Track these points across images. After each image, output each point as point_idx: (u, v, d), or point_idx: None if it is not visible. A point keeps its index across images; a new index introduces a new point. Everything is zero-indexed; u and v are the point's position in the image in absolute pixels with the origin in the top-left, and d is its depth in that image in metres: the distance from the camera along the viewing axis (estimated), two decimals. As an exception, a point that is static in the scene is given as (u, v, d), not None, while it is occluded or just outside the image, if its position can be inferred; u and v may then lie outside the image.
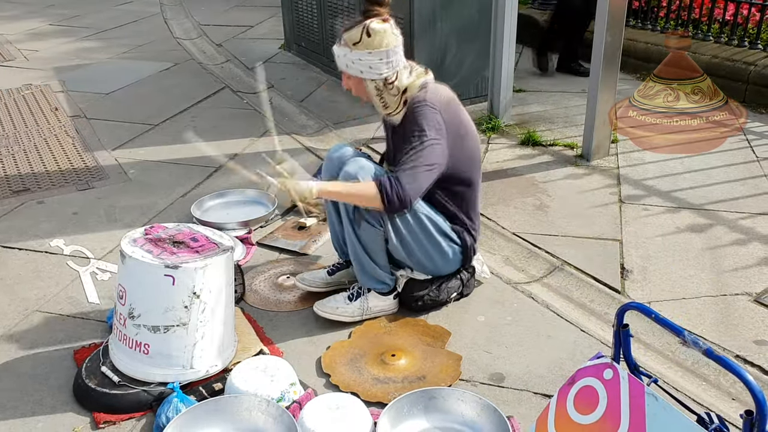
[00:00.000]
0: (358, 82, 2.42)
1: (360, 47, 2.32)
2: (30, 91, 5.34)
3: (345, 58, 2.37)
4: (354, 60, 2.35)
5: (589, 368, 1.65)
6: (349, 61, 2.37)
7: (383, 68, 2.36)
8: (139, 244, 2.19)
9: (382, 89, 2.40)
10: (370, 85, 2.40)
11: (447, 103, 2.44)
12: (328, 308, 2.57)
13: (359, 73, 2.38)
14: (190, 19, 7.75)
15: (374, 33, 2.31)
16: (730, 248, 3.01)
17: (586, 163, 3.87)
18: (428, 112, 2.36)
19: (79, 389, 2.21)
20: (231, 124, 4.62)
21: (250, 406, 2.03)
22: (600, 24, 3.61)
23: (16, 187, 3.73)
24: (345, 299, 2.59)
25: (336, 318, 2.56)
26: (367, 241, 2.48)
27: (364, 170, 2.39)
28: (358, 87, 2.45)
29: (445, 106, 2.41)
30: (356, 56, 2.34)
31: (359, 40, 2.31)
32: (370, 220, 2.43)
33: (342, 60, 2.39)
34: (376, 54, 2.33)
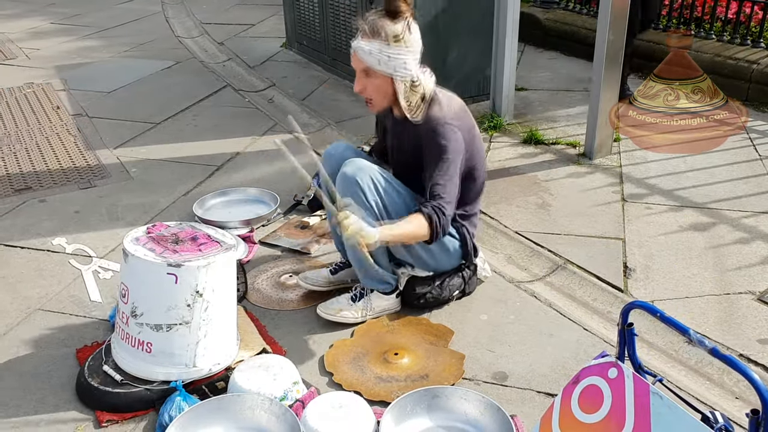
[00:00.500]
0: (383, 82, 2.35)
1: (400, 42, 2.26)
2: (32, 89, 5.33)
3: (380, 54, 2.28)
4: (391, 56, 2.28)
5: (594, 367, 1.64)
6: (384, 57, 2.28)
7: (413, 67, 2.33)
8: (142, 243, 2.18)
9: (408, 90, 2.36)
10: (400, 84, 2.34)
11: (459, 115, 2.43)
12: (331, 310, 2.57)
13: (392, 71, 2.31)
14: (191, 17, 7.74)
15: (414, 31, 2.28)
16: (733, 247, 3.00)
17: (588, 161, 3.87)
18: (450, 132, 2.35)
19: (82, 388, 2.21)
20: (233, 123, 4.62)
21: (253, 405, 2.03)
22: (602, 22, 3.60)
23: (18, 186, 3.73)
24: (348, 301, 2.58)
25: (340, 320, 2.55)
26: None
27: (363, 171, 2.39)
28: (380, 88, 2.37)
29: (459, 120, 2.41)
30: (394, 52, 2.27)
31: (401, 35, 2.25)
32: (370, 222, 2.41)
33: (375, 56, 2.29)
34: (412, 52, 2.30)
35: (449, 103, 2.43)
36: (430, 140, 2.37)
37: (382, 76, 2.34)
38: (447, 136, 2.34)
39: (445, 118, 2.36)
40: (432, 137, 2.36)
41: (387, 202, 2.42)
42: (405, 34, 2.27)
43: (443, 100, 2.43)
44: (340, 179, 2.42)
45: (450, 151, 2.35)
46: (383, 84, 2.36)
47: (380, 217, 2.42)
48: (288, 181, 3.68)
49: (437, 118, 2.37)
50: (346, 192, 2.40)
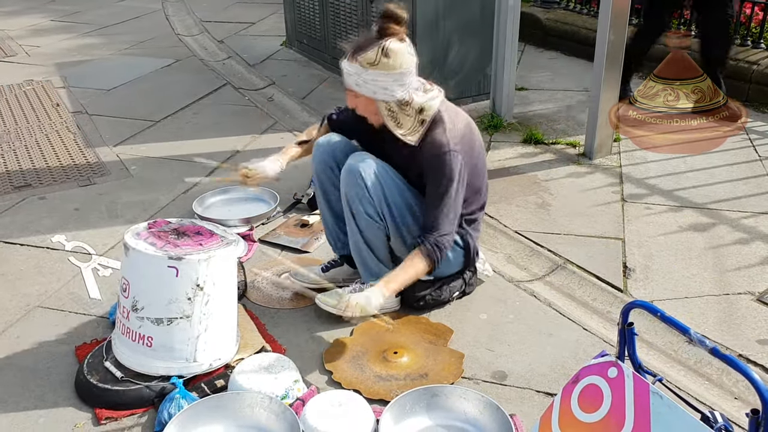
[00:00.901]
0: (368, 102, 2.35)
1: (377, 67, 2.24)
2: (31, 86, 5.33)
3: (357, 77, 2.28)
4: (367, 80, 2.27)
5: (594, 366, 1.64)
6: (361, 81, 2.28)
7: (397, 90, 2.29)
8: (143, 237, 2.18)
9: (395, 111, 2.33)
10: (382, 106, 2.33)
11: (463, 136, 2.40)
12: (330, 303, 2.56)
13: (372, 94, 2.30)
14: (191, 15, 7.74)
15: (392, 54, 2.23)
16: (732, 247, 3.00)
17: (588, 161, 3.87)
18: (453, 162, 2.32)
19: (81, 385, 2.21)
20: (232, 121, 4.62)
21: (253, 403, 2.03)
22: (603, 22, 3.60)
23: (17, 183, 3.72)
24: (348, 295, 2.57)
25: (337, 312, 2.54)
26: (369, 237, 2.47)
27: (367, 164, 2.39)
28: (367, 107, 2.37)
29: (462, 142, 2.38)
30: (370, 77, 2.26)
31: (376, 62, 2.23)
32: (372, 215, 2.42)
33: (353, 78, 2.29)
34: (392, 75, 2.26)
35: (454, 123, 2.38)
36: (432, 168, 2.35)
37: (365, 96, 2.33)
38: (449, 165, 2.32)
39: (448, 145, 2.32)
40: (434, 165, 2.34)
41: (389, 197, 2.42)
42: (380, 59, 2.23)
43: (447, 120, 2.37)
44: (345, 170, 2.41)
45: (452, 180, 2.33)
46: (369, 104, 2.36)
47: (381, 212, 2.42)
48: (288, 179, 3.68)
49: (440, 145, 2.33)
50: (349, 184, 2.40)
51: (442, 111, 2.39)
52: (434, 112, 2.37)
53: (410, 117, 2.34)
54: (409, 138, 2.37)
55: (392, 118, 2.35)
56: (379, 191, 2.39)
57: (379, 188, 2.39)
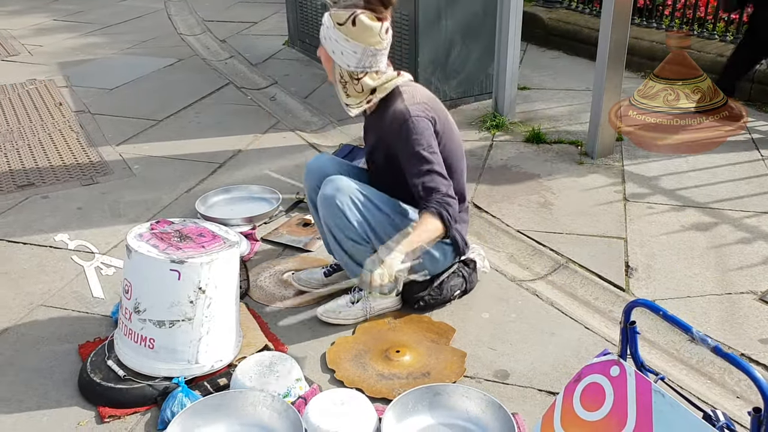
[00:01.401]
0: (327, 58, 2.39)
1: (341, 30, 2.28)
2: (34, 86, 5.34)
3: (325, 29, 2.34)
4: (330, 36, 2.32)
5: (596, 365, 1.65)
6: (327, 35, 2.33)
7: (352, 61, 2.32)
8: (145, 239, 2.19)
9: (346, 79, 2.37)
10: (336, 69, 2.37)
11: (426, 105, 2.39)
12: (331, 313, 2.57)
13: (330, 53, 2.35)
14: (193, 15, 7.74)
15: (359, 24, 2.26)
16: (735, 247, 3.00)
17: (590, 160, 3.87)
18: (420, 125, 2.32)
19: (84, 383, 2.21)
20: (235, 120, 4.62)
21: (255, 402, 2.03)
22: (605, 22, 3.60)
23: (20, 182, 3.73)
24: (347, 303, 2.58)
25: (341, 322, 2.56)
26: (358, 258, 2.43)
27: (341, 192, 2.37)
28: (326, 61, 2.41)
29: (426, 110, 2.37)
30: (333, 35, 2.30)
31: (343, 23, 2.28)
32: (356, 240, 2.41)
33: (323, 30, 2.36)
34: (352, 45, 2.29)
35: (412, 94, 2.39)
36: (401, 138, 2.33)
37: (325, 51, 2.37)
38: (416, 130, 2.31)
39: (408, 112, 2.32)
40: (401, 135, 2.33)
41: (370, 219, 2.41)
42: (347, 24, 2.26)
43: (406, 93, 2.39)
44: (320, 201, 2.41)
45: (424, 142, 2.31)
46: (327, 60, 2.40)
47: (365, 235, 2.41)
48: (290, 178, 3.69)
49: (400, 112, 2.34)
50: (328, 215, 2.40)
51: (401, 86, 2.41)
52: (383, 94, 2.39)
53: (358, 92, 2.38)
54: (351, 110, 2.43)
55: (341, 83, 2.40)
56: (358, 216, 2.39)
57: (357, 213, 2.38)
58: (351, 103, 2.41)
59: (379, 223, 2.43)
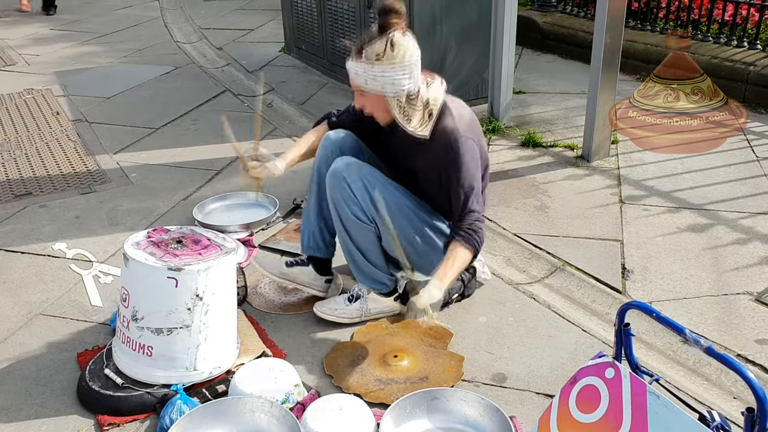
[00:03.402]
0: (377, 99, 2.34)
1: (383, 61, 2.24)
2: (31, 95, 5.35)
3: (365, 75, 2.27)
4: (376, 75, 2.26)
5: (591, 367, 1.65)
6: (369, 78, 2.27)
7: (405, 82, 2.28)
8: (142, 247, 2.20)
9: (404, 105, 2.33)
10: (392, 101, 2.32)
11: (471, 124, 2.42)
12: (327, 309, 2.58)
13: (380, 89, 2.29)
14: (190, 22, 7.76)
15: (398, 45, 2.23)
16: (730, 248, 3.01)
17: (586, 163, 3.88)
18: (469, 146, 2.35)
19: (83, 392, 2.22)
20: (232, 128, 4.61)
21: (254, 408, 2.04)
22: (599, 25, 3.62)
23: (18, 191, 3.74)
24: (344, 301, 2.60)
25: (335, 319, 2.57)
26: (359, 239, 2.46)
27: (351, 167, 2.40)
28: (375, 104, 2.37)
29: (472, 130, 2.40)
30: (379, 71, 2.25)
31: (383, 54, 2.23)
32: (360, 217, 2.42)
33: (361, 77, 2.29)
34: (399, 68, 2.25)
35: (460, 113, 2.40)
36: (448, 157, 2.34)
37: (374, 94, 2.33)
38: (465, 151, 2.33)
39: (458, 132, 2.33)
40: (450, 154, 2.34)
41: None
42: (387, 52, 2.23)
43: (453, 109, 2.39)
44: (330, 174, 2.42)
45: (470, 167, 2.34)
46: (378, 101, 2.36)
47: (369, 213, 2.41)
48: (287, 184, 3.70)
49: (452, 132, 2.33)
50: (334, 187, 2.42)
51: (447, 101, 2.41)
52: (441, 103, 2.38)
53: (419, 110, 2.35)
54: (420, 132, 2.37)
55: (402, 112, 2.35)
56: (364, 192, 2.39)
57: (364, 189, 2.39)
58: (416, 124, 2.37)
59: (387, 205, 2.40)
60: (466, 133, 2.35)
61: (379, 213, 2.33)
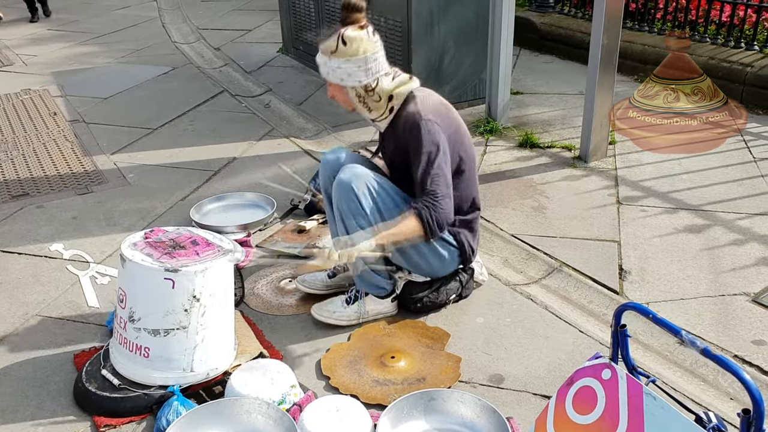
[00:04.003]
0: (340, 89, 2.45)
1: (337, 55, 2.35)
2: (29, 95, 5.35)
3: (325, 67, 2.41)
4: (333, 68, 2.39)
5: (588, 368, 1.65)
6: (329, 70, 2.40)
7: (362, 75, 2.38)
8: (139, 248, 2.20)
9: (363, 96, 2.43)
10: (351, 92, 2.43)
11: (438, 110, 2.45)
12: (325, 312, 2.58)
13: (339, 81, 2.41)
14: (188, 23, 7.76)
15: (350, 41, 2.34)
16: (728, 248, 3.01)
17: (584, 164, 3.88)
18: (429, 126, 2.37)
19: (80, 393, 2.22)
20: (229, 128, 4.63)
21: (250, 409, 2.04)
22: (597, 26, 3.62)
23: (15, 192, 3.74)
24: (342, 303, 2.60)
25: (333, 322, 2.57)
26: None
27: (358, 178, 2.41)
28: (340, 95, 2.48)
29: (437, 114, 2.43)
30: (335, 64, 2.37)
31: (335, 49, 2.35)
32: (365, 228, 2.43)
33: (323, 69, 2.43)
34: (354, 62, 2.36)
35: (424, 100, 2.46)
36: (411, 138, 2.40)
37: (335, 84, 2.44)
38: (426, 131, 2.37)
39: (420, 114, 2.39)
40: (411, 135, 2.39)
41: (382, 208, 2.44)
42: (339, 47, 2.34)
43: (419, 97, 2.45)
44: (336, 186, 2.43)
45: (431, 144, 2.36)
46: (339, 91, 2.47)
47: (374, 223, 2.43)
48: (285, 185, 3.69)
49: (412, 115, 2.40)
50: (341, 198, 2.42)
51: (415, 92, 2.47)
52: (403, 96, 2.45)
53: (379, 103, 2.44)
54: (379, 123, 2.49)
55: (362, 103, 2.45)
56: (371, 204, 2.42)
57: (371, 201, 2.42)
58: (376, 116, 2.48)
59: (391, 213, 2.45)
60: (427, 116, 2.39)
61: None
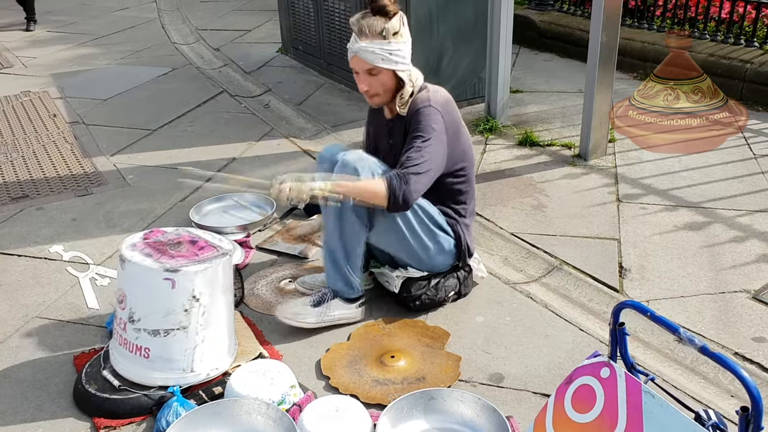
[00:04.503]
0: (389, 77, 2.40)
1: (398, 37, 2.35)
2: (28, 98, 5.35)
3: (382, 51, 2.34)
4: (392, 51, 2.35)
5: (586, 367, 1.65)
6: (386, 53, 2.35)
7: (408, 59, 2.42)
8: (139, 249, 2.19)
9: (408, 80, 2.43)
10: (404, 76, 2.41)
11: (446, 104, 2.47)
12: (288, 313, 2.53)
13: (395, 65, 2.38)
14: (187, 24, 7.76)
15: (405, 24, 2.38)
16: (728, 246, 3.01)
17: (583, 162, 3.88)
18: (433, 114, 2.39)
19: (79, 394, 2.22)
20: (229, 129, 4.63)
21: (250, 410, 2.04)
22: (595, 24, 3.61)
23: (15, 194, 3.74)
24: (305, 304, 2.54)
25: (295, 324, 2.51)
26: (348, 238, 2.45)
27: (363, 161, 2.38)
28: (386, 83, 2.42)
29: (444, 107, 2.45)
30: (395, 47, 2.35)
31: (398, 30, 2.35)
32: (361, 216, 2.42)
33: (378, 54, 2.34)
34: (408, 44, 2.40)
35: (435, 93, 2.48)
36: (414, 122, 2.41)
37: (386, 71, 2.39)
38: (429, 117, 2.39)
39: (429, 101, 2.41)
40: (414, 120, 2.41)
41: None
42: (402, 28, 2.36)
43: (431, 88, 2.50)
44: (340, 166, 2.41)
45: (427, 130, 2.37)
46: (388, 79, 2.42)
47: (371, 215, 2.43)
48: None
49: (421, 101, 2.42)
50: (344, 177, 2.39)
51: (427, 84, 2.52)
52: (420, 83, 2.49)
53: (410, 88, 2.45)
54: (401, 110, 2.47)
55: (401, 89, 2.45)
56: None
57: None
58: (403, 102, 2.46)
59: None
60: (436, 105, 2.41)
61: None
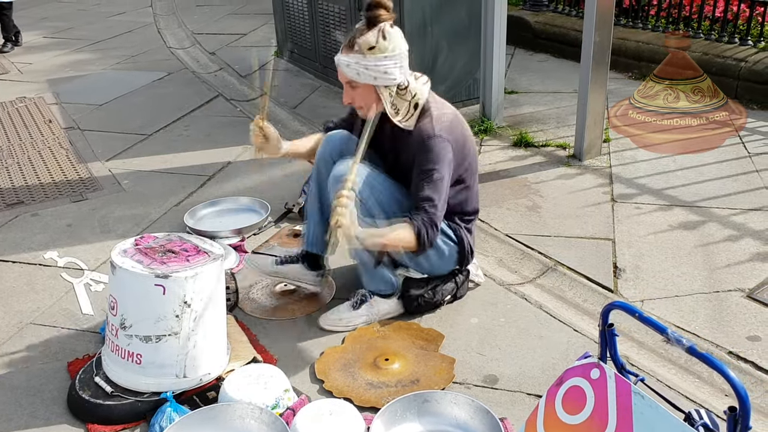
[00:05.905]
0: (368, 91, 2.37)
1: (375, 51, 2.29)
2: (24, 104, 5.35)
3: (357, 66, 2.31)
4: (368, 66, 2.31)
5: (577, 368, 1.65)
6: (361, 68, 2.31)
7: (397, 73, 2.34)
8: (129, 255, 2.19)
9: (394, 96, 2.39)
10: (384, 92, 2.37)
11: (452, 128, 2.43)
12: (333, 320, 2.58)
13: (372, 80, 2.33)
14: (183, 28, 7.76)
15: (389, 36, 2.30)
16: (722, 245, 3.01)
17: (578, 162, 3.88)
18: (442, 147, 2.36)
19: (73, 401, 2.21)
20: (224, 132, 4.63)
21: (243, 414, 2.03)
22: (588, 24, 3.62)
23: (9, 200, 3.74)
24: (349, 308, 2.59)
25: (342, 329, 2.56)
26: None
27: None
28: (366, 97, 2.39)
29: (451, 133, 2.41)
30: (371, 61, 2.30)
31: (375, 44, 2.28)
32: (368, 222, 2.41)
33: (353, 68, 2.33)
34: (391, 58, 2.31)
35: (440, 113, 2.43)
36: (420, 152, 2.38)
37: (365, 85, 2.36)
38: (436, 150, 2.35)
39: (434, 131, 2.37)
40: (421, 149, 2.37)
41: (378, 200, 2.43)
42: (379, 42, 2.28)
43: (434, 111, 2.43)
44: (332, 179, 2.42)
45: (438, 163, 2.35)
46: (368, 93, 2.39)
47: (371, 214, 2.42)
48: (279, 189, 3.70)
49: (426, 131, 2.38)
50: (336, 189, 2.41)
51: (430, 101, 2.45)
52: (425, 99, 2.43)
53: (406, 102, 2.41)
54: (405, 124, 2.42)
55: (391, 104, 2.40)
56: (367, 193, 2.40)
57: (367, 190, 2.40)
58: (402, 117, 2.43)
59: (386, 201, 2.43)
60: (441, 133, 2.37)
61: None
